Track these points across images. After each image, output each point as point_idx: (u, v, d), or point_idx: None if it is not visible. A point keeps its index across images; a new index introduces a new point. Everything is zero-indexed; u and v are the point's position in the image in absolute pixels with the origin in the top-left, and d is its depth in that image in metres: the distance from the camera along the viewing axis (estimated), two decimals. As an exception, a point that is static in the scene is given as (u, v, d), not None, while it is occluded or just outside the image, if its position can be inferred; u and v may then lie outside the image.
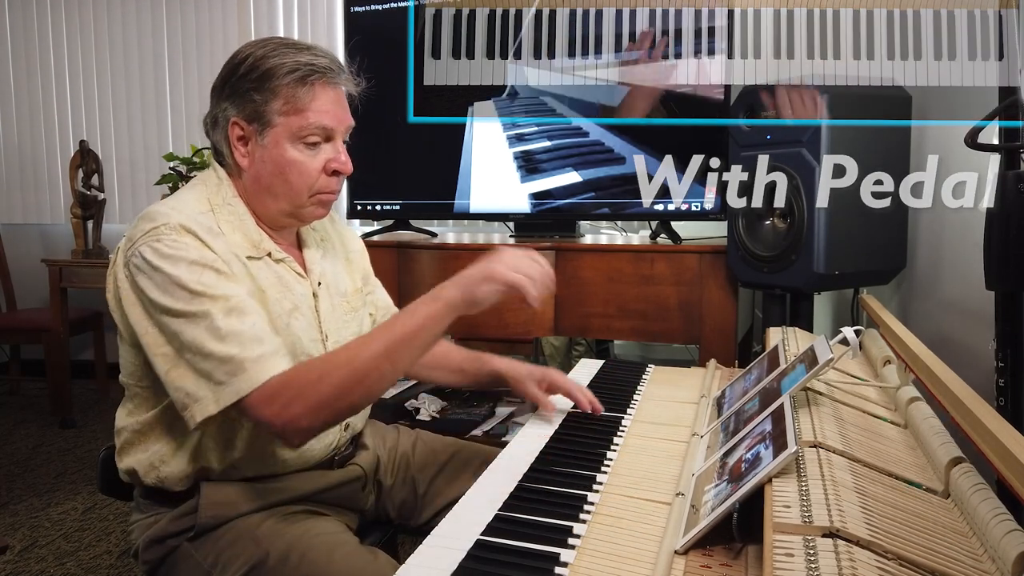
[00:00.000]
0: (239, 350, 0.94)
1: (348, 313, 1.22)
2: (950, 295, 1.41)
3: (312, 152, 1.07)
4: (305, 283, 1.15)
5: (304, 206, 1.10)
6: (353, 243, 1.34)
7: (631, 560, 0.67)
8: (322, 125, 1.06)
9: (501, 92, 2.29)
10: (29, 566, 2.02)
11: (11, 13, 4.02)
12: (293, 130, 1.05)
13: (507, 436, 2.18)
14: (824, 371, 0.88)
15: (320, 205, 1.12)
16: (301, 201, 1.09)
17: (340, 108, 1.09)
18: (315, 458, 1.15)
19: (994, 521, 0.58)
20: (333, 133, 1.09)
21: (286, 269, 1.13)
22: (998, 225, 0.94)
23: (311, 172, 1.07)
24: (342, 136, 1.10)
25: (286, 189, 1.08)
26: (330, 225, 1.30)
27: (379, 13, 2.42)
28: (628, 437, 1.02)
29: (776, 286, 1.66)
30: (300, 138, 1.06)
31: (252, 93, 1.05)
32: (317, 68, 1.05)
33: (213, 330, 0.95)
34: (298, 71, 1.04)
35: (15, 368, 3.75)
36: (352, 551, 1.01)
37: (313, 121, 1.05)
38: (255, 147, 1.07)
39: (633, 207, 2.19)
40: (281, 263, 1.12)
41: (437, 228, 3.05)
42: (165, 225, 1.00)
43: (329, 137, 1.08)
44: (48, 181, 4.07)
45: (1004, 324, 0.97)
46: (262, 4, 3.71)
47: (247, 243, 1.08)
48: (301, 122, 1.05)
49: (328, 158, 1.08)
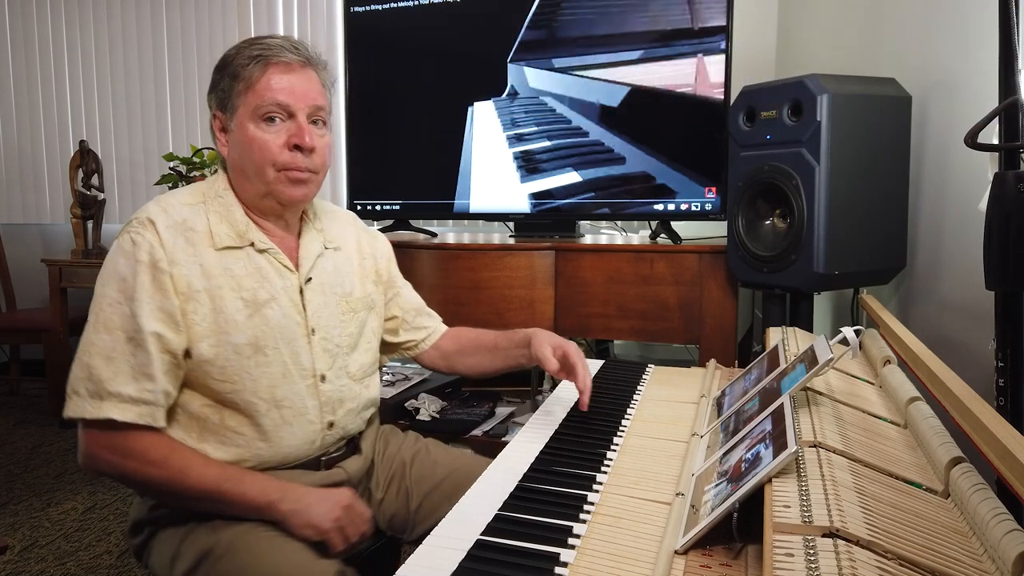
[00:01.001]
0: (110, 378, 1.02)
1: (346, 314, 1.23)
2: (950, 295, 1.41)
3: (272, 128, 1.11)
4: (291, 276, 1.17)
5: (273, 184, 1.13)
6: (374, 248, 1.35)
7: (631, 560, 0.67)
8: (276, 101, 1.10)
9: (501, 92, 2.30)
10: (29, 566, 2.02)
11: (11, 13, 4.02)
12: (251, 108, 1.11)
13: (507, 436, 2.18)
14: (824, 371, 0.88)
15: (290, 183, 1.13)
16: (268, 178, 1.12)
17: (299, 87, 1.12)
18: (295, 457, 1.15)
19: (994, 521, 0.58)
20: (292, 109, 1.11)
21: (269, 260, 1.15)
22: (998, 225, 0.94)
23: (271, 147, 1.11)
24: (305, 114, 1.12)
25: (254, 168, 1.12)
26: (347, 228, 1.32)
27: (379, 13, 2.42)
28: (628, 437, 1.02)
29: (776, 286, 1.66)
30: (259, 116, 1.11)
31: (221, 83, 1.13)
32: (269, 48, 1.11)
33: (107, 345, 1.03)
34: (253, 54, 1.11)
35: (15, 368, 3.75)
36: (295, 550, 1.02)
37: (267, 97, 1.10)
38: (229, 133, 1.14)
39: (633, 207, 2.19)
40: (264, 253, 1.15)
41: (437, 228, 3.05)
42: (137, 219, 1.09)
43: (291, 114, 1.12)
44: (48, 181, 4.07)
45: (1004, 324, 0.97)
46: (262, 4, 3.71)
47: (233, 233, 1.13)
48: (256, 100, 1.10)
49: (290, 134, 1.11)
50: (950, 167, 1.43)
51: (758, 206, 1.67)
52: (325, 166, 1.18)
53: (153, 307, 1.04)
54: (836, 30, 2.24)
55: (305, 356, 1.15)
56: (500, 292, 2.09)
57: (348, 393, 1.21)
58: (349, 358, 1.23)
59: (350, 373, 1.23)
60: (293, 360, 1.14)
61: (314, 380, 1.16)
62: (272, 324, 1.12)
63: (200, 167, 3.17)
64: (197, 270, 1.08)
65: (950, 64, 1.43)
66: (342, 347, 1.21)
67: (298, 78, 1.12)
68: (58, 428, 3.22)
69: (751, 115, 1.66)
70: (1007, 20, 0.97)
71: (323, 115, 1.16)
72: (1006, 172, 0.94)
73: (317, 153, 1.14)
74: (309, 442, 1.16)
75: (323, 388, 1.17)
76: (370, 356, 1.29)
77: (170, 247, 1.07)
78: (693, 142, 2.12)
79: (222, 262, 1.11)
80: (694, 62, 2.07)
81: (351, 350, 1.24)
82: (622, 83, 2.16)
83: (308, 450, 1.16)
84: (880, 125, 1.52)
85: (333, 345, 1.19)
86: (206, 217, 1.13)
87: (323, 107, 1.15)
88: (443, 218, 3.01)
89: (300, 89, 1.12)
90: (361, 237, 1.34)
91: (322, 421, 1.17)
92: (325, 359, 1.18)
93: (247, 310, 1.11)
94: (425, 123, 2.43)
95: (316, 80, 1.15)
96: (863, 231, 1.52)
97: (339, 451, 1.22)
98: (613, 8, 2.15)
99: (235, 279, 1.11)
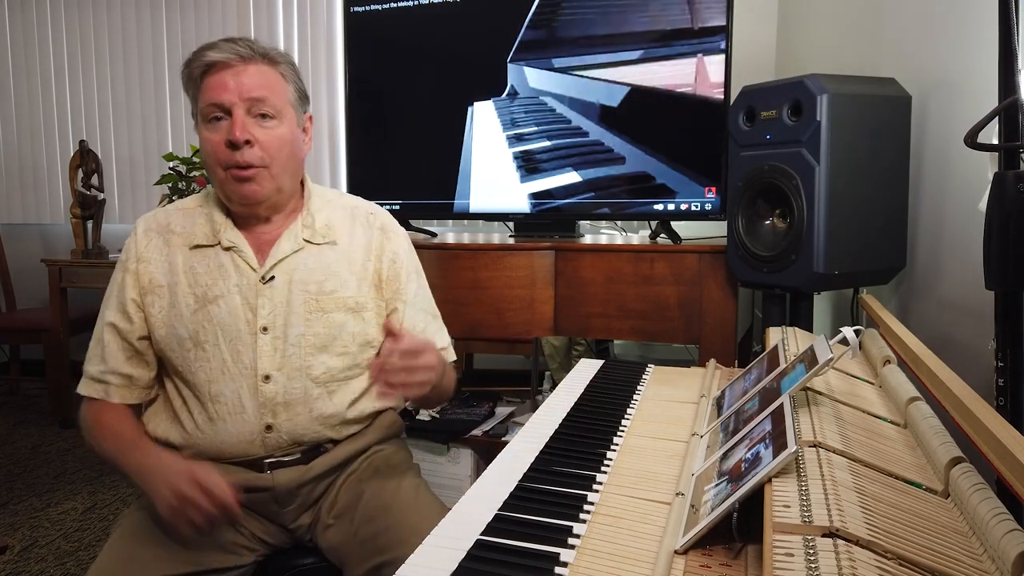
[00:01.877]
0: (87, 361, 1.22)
1: (314, 313, 1.18)
2: (950, 295, 1.41)
3: (216, 129, 1.14)
4: (251, 273, 1.18)
5: (224, 183, 1.16)
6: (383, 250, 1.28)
7: (631, 560, 0.67)
8: (211, 100, 1.13)
9: (501, 92, 2.30)
10: (29, 566, 2.02)
11: (11, 13, 4.02)
12: (201, 113, 1.15)
13: (507, 436, 2.18)
14: (824, 371, 0.88)
15: (236, 181, 1.14)
16: (220, 177, 1.16)
17: (232, 82, 1.13)
18: (231, 453, 1.16)
19: (994, 521, 0.58)
20: (227, 106, 1.12)
21: (231, 257, 1.18)
22: (998, 225, 0.94)
23: (215, 147, 1.13)
24: (242, 108, 1.12)
25: (209, 170, 1.17)
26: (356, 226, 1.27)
27: (379, 13, 2.42)
28: (628, 437, 1.02)
29: (776, 286, 1.66)
30: (205, 118, 1.14)
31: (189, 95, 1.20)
32: (209, 50, 1.14)
33: (98, 332, 1.21)
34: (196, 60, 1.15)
35: (15, 368, 3.75)
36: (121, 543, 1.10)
37: (206, 98, 1.14)
38: None
39: (633, 207, 2.19)
40: (229, 251, 1.18)
41: (437, 228, 3.05)
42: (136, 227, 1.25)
43: (227, 111, 1.13)
44: (48, 181, 4.07)
45: (1004, 324, 0.96)
46: (262, 4, 3.71)
47: (210, 232, 1.20)
48: (202, 103, 1.14)
49: (227, 130, 1.13)
50: (950, 167, 1.43)
51: (758, 206, 1.67)
52: (279, 159, 1.15)
53: (114, 302, 1.20)
54: (836, 30, 2.24)
55: (247, 354, 1.15)
56: (500, 292, 2.09)
57: (299, 396, 1.16)
58: (313, 359, 1.18)
59: (312, 376, 1.18)
60: (234, 357, 1.14)
61: (255, 379, 1.15)
62: (215, 320, 1.15)
63: (200, 167, 3.17)
64: (164, 267, 1.18)
65: (950, 64, 1.43)
66: (303, 347, 1.17)
67: (233, 74, 1.12)
68: (58, 428, 3.22)
69: (751, 115, 1.66)
70: (1007, 20, 0.96)
71: (268, 107, 1.14)
72: (1006, 172, 0.94)
73: (259, 146, 1.12)
74: (246, 441, 1.15)
75: (264, 388, 1.15)
76: (344, 361, 1.21)
77: (143, 247, 1.20)
78: (693, 142, 2.11)
79: (189, 260, 1.18)
80: (694, 62, 2.07)
81: (317, 351, 1.18)
82: (622, 83, 2.16)
83: (246, 449, 1.15)
84: (880, 125, 1.52)
85: (288, 345, 1.16)
86: (191, 221, 1.21)
87: (264, 99, 1.13)
88: (443, 218, 3.01)
89: (233, 84, 1.12)
90: (375, 238, 1.28)
91: (259, 422, 1.15)
92: (273, 359, 1.15)
93: (195, 305, 1.16)
94: (425, 123, 2.42)
95: (257, 73, 1.14)
96: (863, 231, 1.52)
97: (290, 457, 1.18)
98: (613, 8, 2.15)
99: (195, 275, 1.17)
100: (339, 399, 1.21)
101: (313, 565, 1.21)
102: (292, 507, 1.20)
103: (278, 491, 1.17)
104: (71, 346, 3.41)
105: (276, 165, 1.15)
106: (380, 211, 1.34)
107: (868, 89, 1.52)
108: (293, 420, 1.17)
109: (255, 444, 1.16)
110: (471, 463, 2.21)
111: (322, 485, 1.22)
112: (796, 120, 1.53)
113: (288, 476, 1.18)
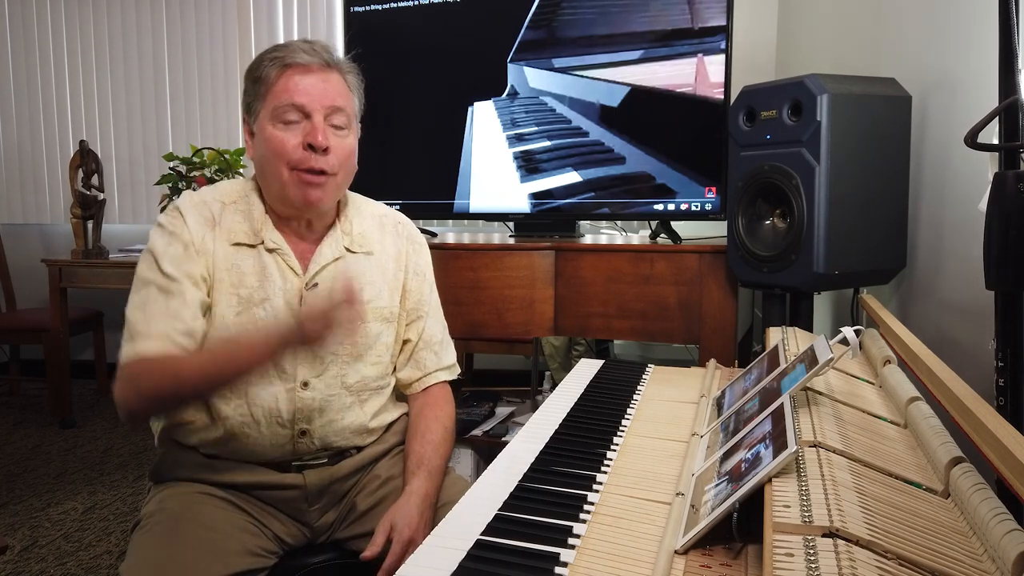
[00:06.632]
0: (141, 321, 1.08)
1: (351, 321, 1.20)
2: (950, 295, 1.41)
3: (289, 129, 1.12)
4: (295, 279, 1.17)
5: (287, 184, 1.13)
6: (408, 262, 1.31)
7: (631, 560, 0.67)
8: (291, 102, 1.11)
9: (501, 92, 2.30)
10: (29, 566, 2.02)
11: (11, 13, 4.02)
12: (271, 110, 1.12)
13: (507, 436, 2.18)
14: (824, 371, 0.88)
15: (303, 184, 1.13)
16: (283, 178, 1.13)
17: (315, 88, 1.13)
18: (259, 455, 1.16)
19: (994, 521, 0.58)
20: (308, 110, 1.12)
21: (275, 260, 1.16)
22: (998, 225, 0.94)
23: (287, 146, 1.12)
24: (321, 115, 1.13)
25: (271, 168, 1.13)
26: (387, 236, 1.29)
27: (379, 13, 2.42)
28: (628, 437, 1.02)
29: (776, 286, 1.66)
30: (277, 117, 1.12)
31: (247, 89, 1.17)
32: (287, 51, 1.13)
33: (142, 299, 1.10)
34: (272, 58, 1.13)
35: (15, 368, 3.75)
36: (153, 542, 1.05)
37: (284, 98, 1.11)
38: (254, 136, 1.17)
39: (633, 207, 2.19)
40: (273, 253, 1.16)
41: (437, 228, 3.05)
42: (175, 207, 1.16)
43: (307, 115, 1.12)
44: (48, 181, 4.08)
45: (1004, 324, 0.96)
46: (262, 4, 3.71)
47: (250, 231, 1.16)
48: (275, 101, 1.12)
49: (305, 133, 1.12)
50: (950, 167, 1.43)
51: (758, 206, 1.67)
52: (345, 168, 1.17)
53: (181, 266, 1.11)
54: (836, 30, 2.24)
55: (288, 360, 1.15)
56: (500, 292, 2.09)
57: (335, 404, 1.19)
58: (349, 368, 1.21)
59: (347, 384, 1.20)
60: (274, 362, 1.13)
61: (294, 385, 1.15)
62: (259, 324, 1.13)
63: (200, 167, 3.17)
64: (211, 262, 1.14)
65: (950, 64, 1.43)
66: (341, 356, 1.19)
67: (315, 79, 1.13)
68: (58, 428, 3.22)
69: (751, 115, 1.66)
70: (1007, 20, 0.96)
71: (343, 118, 1.15)
72: (1006, 172, 0.94)
73: (333, 154, 1.13)
74: (279, 445, 1.16)
75: (302, 395, 1.16)
76: (377, 370, 1.25)
77: (198, 240, 1.13)
78: (693, 142, 2.11)
79: (231, 258, 1.15)
80: (694, 62, 2.07)
81: (353, 360, 1.21)
82: (622, 83, 2.16)
83: (278, 452, 1.16)
84: (880, 125, 1.52)
85: (329, 353, 1.17)
86: (231, 215, 1.17)
87: (342, 108, 1.15)
88: (443, 218, 3.02)
89: (316, 90, 1.13)
90: (403, 248, 1.31)
91: (294, 428, 1.16)
92: (313, 366, 1.16)
93: (238, 307, 1.13)
94: (425, 123, 2.42)
95: (336, 82, 1.16)
96: (863, 231, 1.52)
97: (317, 461, 1.20)
98: (613, 8, 2.15)
99: (239, 275, 1.14)
100: (369, 408, 1.24)
101: (328, 562, 1.23)
102: (319, 505, 1.21)
103: (309, 490, 1.19)
104: (71, 346, 3.42)
105: (343, 174, 1.18)
106: (405, 220, 1.37)
107: (868, 89, 1.52)
108: (326, 427, 1.19)
109: (286, 448, 1.17)
110: (471, 463, 2.22)
111: (349, 483, 1.24)
112: (796, 120, 1.53)
113: (319, 476, 1.20)
